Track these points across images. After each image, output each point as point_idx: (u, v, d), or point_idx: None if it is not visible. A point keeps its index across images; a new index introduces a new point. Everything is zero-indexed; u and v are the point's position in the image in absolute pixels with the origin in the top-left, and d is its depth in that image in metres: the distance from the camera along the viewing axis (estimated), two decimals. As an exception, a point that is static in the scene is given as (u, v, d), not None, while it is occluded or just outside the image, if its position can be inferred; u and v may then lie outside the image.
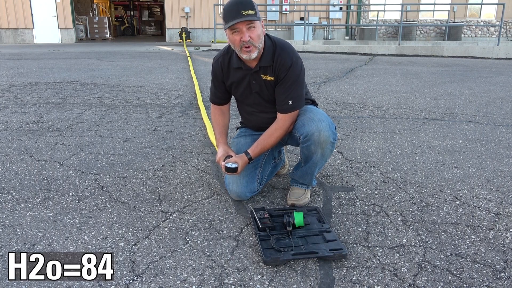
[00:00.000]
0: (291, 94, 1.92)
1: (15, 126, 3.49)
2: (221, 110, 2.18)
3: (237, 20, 1.76)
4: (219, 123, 2.16)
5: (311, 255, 1.57)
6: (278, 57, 1.90)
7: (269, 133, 1.98)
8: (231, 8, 1.78)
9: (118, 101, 4.62)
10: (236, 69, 1.99)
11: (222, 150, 2.05)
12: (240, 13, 1.75)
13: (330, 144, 1.93)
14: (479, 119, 3.88)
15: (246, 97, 2.07)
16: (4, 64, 8.18)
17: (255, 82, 1.98)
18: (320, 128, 1.88)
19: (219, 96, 2.14)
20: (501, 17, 11.66)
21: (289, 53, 1.91)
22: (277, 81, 1.94)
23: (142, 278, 1.47)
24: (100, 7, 22.48)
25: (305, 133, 1.90)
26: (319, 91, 5.38)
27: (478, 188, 2.27)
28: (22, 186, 2.25)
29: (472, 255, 1.62)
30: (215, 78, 2.10)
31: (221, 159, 1.99)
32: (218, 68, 2.06)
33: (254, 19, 1.78)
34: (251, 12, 1.76)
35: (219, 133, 2.14)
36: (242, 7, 1.75)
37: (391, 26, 17.04)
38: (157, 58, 9.72)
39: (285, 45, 1.94)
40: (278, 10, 16.62)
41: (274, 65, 1.91)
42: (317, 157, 1.95)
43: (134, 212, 1.97)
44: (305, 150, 1.95)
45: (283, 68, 1.90)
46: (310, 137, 1.89)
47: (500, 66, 8.59)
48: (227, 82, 2.07)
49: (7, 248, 1.64)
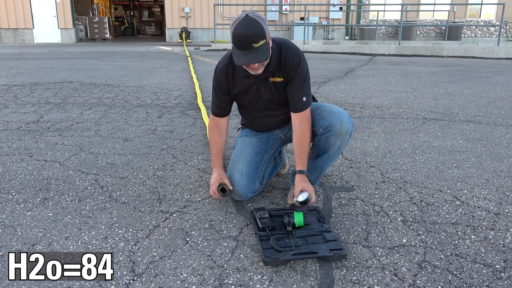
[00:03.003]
0: (304, 90, 1.92)
1: (15, 126, 3.49)
2: (219, 128, 2.09)
3: (249, 61, 1.70)
4: (216, 143, 2.09)
5: (311, 255, 1.57)
6: (285, 57, 1.88)
7: (301, 138, 1.93)
8: (241, 39, 1.67)
9: (118, 101, 4.62)
10: (243, 78, 1.94)
11: (217, 175, 2.01)
12: (251, 47, 1.67)
13: (348, 136, 1.96)
14: (479, 119, 3.88)
15: (254, 104, 2.04)
16: (4, 64, 8.18)
17: (263, 88, 1.95)
18: (342, 119, 1.91)
19: (222, 107, 2.06)
20: (501, 17, 11.66)
21: (295, 51, 1.90)
22: (287, 80, 1.92)
23: (142, 278, 1.47)
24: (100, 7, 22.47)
25: (326, 124, 1.92)
26: (319, 91, 5.38)
27: (478, 188, 2.27)
28: (22, 186, 2.25)
29: (472, 255, 1.62)
30: (219, 89, 2.01)
31: (214, 185, 1.97)
32: (222, 78, 1.97)
33: (266, 55, 1.71)
34: (261, 43, 1.68)
35: (215, 155, 2.09)
36: (253, 39, 1.65)
37: (391, 26, 17.03)
38: (157, 58, 9.72)
39: (289, 44, 1.93)
40: (278, 10, 16.61)
41: (282, 66, 1.89)
42: (334, 149, 1.96)
43: (134, 212, 1.97)
44: (322, 142, 1.96)
45: (293, 67, 1.88)
46: (331, 128, 1.91)
47: (500, 66, 8.59)
48: (232, 91, 2.01)
49: (7, 248, 1.64)
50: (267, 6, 16.39)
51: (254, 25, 1.66)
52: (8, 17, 16.06)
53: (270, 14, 16.58)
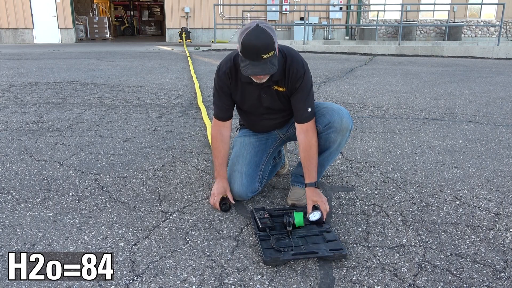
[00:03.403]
0: (309, 101, 1.91)
1: (15, 126, 3.49)
2: (222, 136, 2.05)
3: (257, 72, 1.70)
4: (220, 151, 2.06)
5: (311, 255, 1.57)
6: (290, 67, 1.86)
7: (308, 149, 1.91)
8: (251, 50, 1.65)
9: (118, 101, 4.62)
10: (246, 84, 1.92)
11: (221, 187, 2.01)
12: (260, 58, 1.66)
13: (348, 132, 1.96)
14: (479, 119, 3.88)
15: (254, 109, 2.04)
16: (4, 64, 8.18)
17: (265, 96, 1.94)
18: (342, 116, 1.91)
19: (225, 110, 2.02)
20: (501, 17, 11.66)
21: (300, 62, 1.89)
22: (290, 91, 1.91)
23: (142, 278, 1.47)
24: (100, 7, 22.47)
25: (326, 121, 1.92)
26: (319, 91, 5.38)
27: (478, 188, 2.27)
28: (22, 186, 2.25)
29: (472, 255, 1.62)
30: (221, 91, 1.98)
31: (217, 197, 1.98)
32: (225, 80, 1.94)
33: (274, 67, 1.70)
34: (270, 54, 1.66)
35: (219, 164, 2.06)
36: (263, 51, 1.64)
37: (391, 26, 17.03)
38: (157, 58, 9.72)
39: (294, 54, 1.91)
40: (278, 10, 16.61)
41: (286, 76, 1.88)
42: (334, 146, 1.96)
43: (134, 212, 1.97)
44: (323, 139, 1.95)
45: (297, 78, 1.87)
46: (332, 125, 1.91)
47: (500, 66, 8.59)
48: (234, 96, 2.00)
49: (7, 248, 1.64)
50: (267, 6, 16.39)
51: (264, 36, 1.64)
52: (8, 17, 16.06)
53: (270, 14, 16.58)
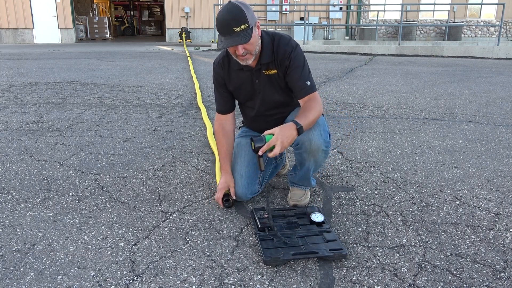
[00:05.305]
0: (305, 76, 1.88)
1: (15, 126, 3.49)
2: (224, 130, 2.09)
3: (229, 44, 1.71)
4: (223, 145, 2.08)
5: (311, 255, 1.57)
6: (277, 48, 1.88)
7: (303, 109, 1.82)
8: (222, 24, 1.70)
9: (118, 101, 4.62)
10: (237, 71, 1.97)
11: (224, 182, 2.02)
12: (232, 31, 1.69)
13: (322, 152, 1.88)
14: (479, 119, 3.88)
15: (250, 99, 2.05)
16: (4, 64, 8.18)
17: (257, 81, 1.96)
18: (311, 137, 1.83)
19: (225, 102, 2.07)
20: (501, 17, 11.66)
21: (288, 41, 1.89)
22: (284, 71, 1.91)
23: (142, 278, 1.47)
24: (100, 7, 22.48)
25: (297, 141, 1.86)
26: (319, 91, 5.38)
27: (478, 188, 2.27)
28: (22, 186, 2.25)
29: (472, 255, 1.62)
30: (217, 82, 2.05)
31: (220, 192, 1.99)
32: (219, 71, 2.02)
33: (246, 39, 1.71)
34: (243, 28, 1.69)
35: (222, 158, 2.08)
36: (234, 23, 1.68)
37: (391, 26, 17.03)
38: (157, 58, 9.72)
39: (283, 35, 1.92)
40: (278, 10, 16.62)
41: (275, 58, 1.89)
42: (310, 164, 1.93)
43: (134, 212, 1.97)
44: (298, 156, 1.94)
45: (286, 56, 1.87)
46: (301, 146, 1.87)
47: (500, 66, 8.59)
48: (229, 85, 2.04)
49: (7, 248, 1.64)
50: (267, 6, 16.39)
51: (235, 10, 1.69)
52: (8, 17, 16.07)
53: (270, 14, 16.59)
